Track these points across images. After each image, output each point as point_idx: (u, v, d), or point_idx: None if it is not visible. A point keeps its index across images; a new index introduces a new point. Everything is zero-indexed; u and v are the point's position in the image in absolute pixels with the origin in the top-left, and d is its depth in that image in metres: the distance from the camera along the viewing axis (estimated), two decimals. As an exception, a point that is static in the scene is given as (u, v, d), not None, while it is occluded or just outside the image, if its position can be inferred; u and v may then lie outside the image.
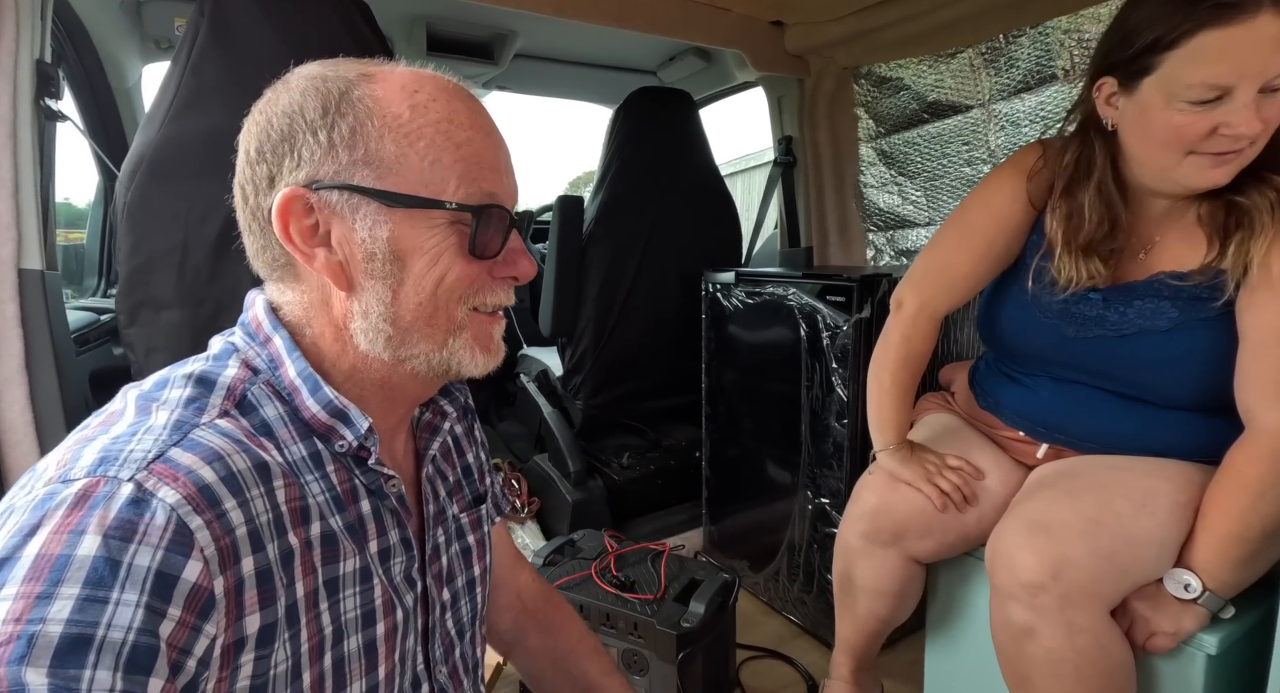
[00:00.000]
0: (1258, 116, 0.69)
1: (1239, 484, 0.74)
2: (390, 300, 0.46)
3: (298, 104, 0.44)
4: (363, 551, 0.48)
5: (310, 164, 0.44)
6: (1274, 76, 0.68)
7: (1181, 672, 0.79)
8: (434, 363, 0.48)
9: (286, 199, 0.44)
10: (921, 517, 0.92)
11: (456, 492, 0.63)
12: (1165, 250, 0.84)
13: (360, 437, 0.47)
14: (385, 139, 0.44)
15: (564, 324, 1.73)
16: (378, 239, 0.44)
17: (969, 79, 1.49)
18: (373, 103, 0.44)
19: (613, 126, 1.74)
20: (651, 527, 1.75)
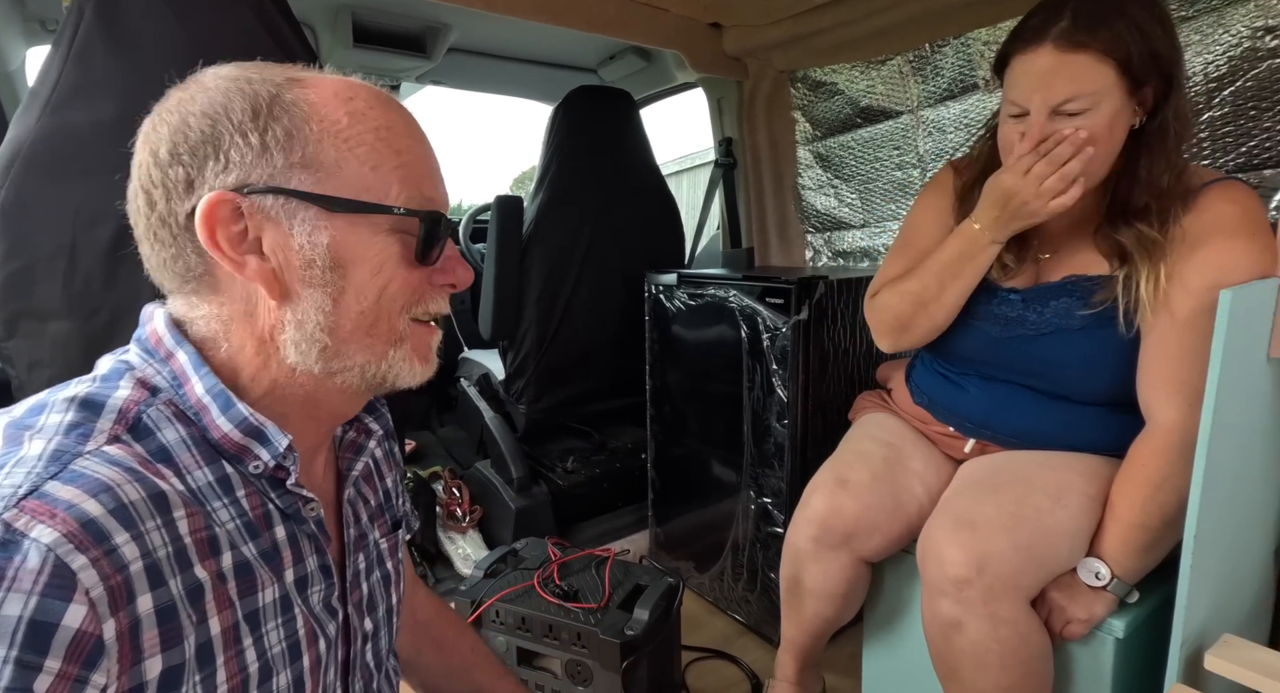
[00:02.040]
0: (1040, 134, 0.77)
1: (1141, 477, 0.79)
2: (330, 309, 0.44)
3: (220, 105, 0.41)
4: (280, 579, 0.45)
5: (240, 167, 0.41)
6: (1061, 101, 0.76)
7: (1092, 655, 0.84)
8: (369, 375, 0.46)
9: (212, 204, 0.41)
10: (870, 514, 0.94)
11: (378, 516, 0.60)
12: (1076, 255, 0.88)
13: (278, 456, 0.44)
14: (324, 143, 0.42)
15: (505, 327, 1.69)
16: (317, 245, 0.42)
17: (898, 85, 1.53)
18: (308, 107, 0.43)
19: (552, 125, 1.71)
20: (597, 531, 1.73)
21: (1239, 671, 0.68)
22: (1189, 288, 0.77)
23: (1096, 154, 0.77)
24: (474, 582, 1.18)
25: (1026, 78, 0.78)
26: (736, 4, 1.53)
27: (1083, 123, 0.76)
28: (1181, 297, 0.77)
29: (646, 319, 1.60)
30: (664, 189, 1.88)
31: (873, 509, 0.94)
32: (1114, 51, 0.73)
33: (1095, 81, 0.75)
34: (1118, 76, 0.75)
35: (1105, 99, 0.75)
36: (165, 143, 0.42)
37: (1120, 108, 0.77)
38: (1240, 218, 0.76)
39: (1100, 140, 0.77)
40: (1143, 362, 0.81)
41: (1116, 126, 0.77)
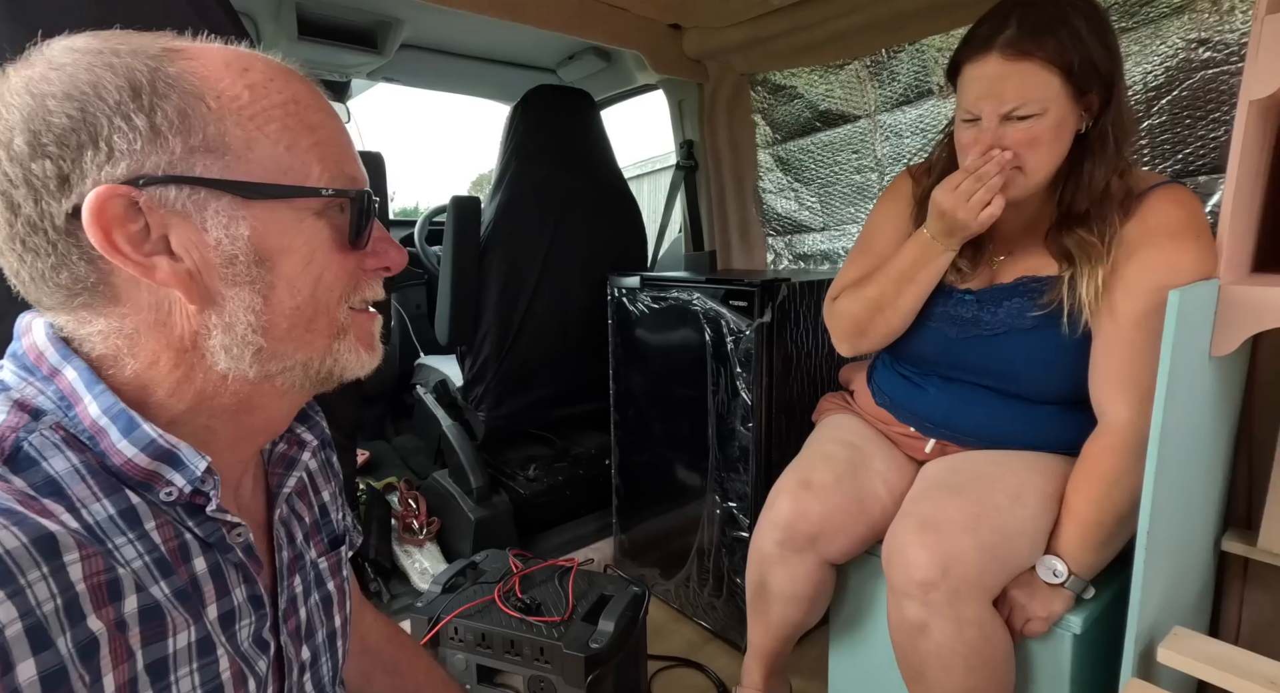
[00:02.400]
0: (993, 138, 0.80)
1: (1095, 474, 0.80)
2: (261, 308, 0.39)
3: (87, 82, 0.35)
4: (199, 619, 0.40)
5: (129, 156, 0.35)
6: (1010, 108, 0.78)
7: (1051, 652, 0.85)
8: (313, 372, 0.43)
9: (101, 199, 0.35)
10: (835, 517, 0.94)
11: (314, 534, 0.55)
12: (1028, 256, 0.90)
13: (195, 480, 0.39)
14: (227, 122, 0.37)
15: (463, 331, 1.63)
16: (237, 239, 0.38)
17: (856, 90, 1.55)
18: (198, 81, 0.37)
19: (510, 125, 1.67)
20: (561, 540, 1.70)
21: (1190, 662, 0.70)
22: (1137, 289, 0.79)
23: (1043, 158, 0.80)
24: (431, 597, 1.13)
25: (976, 85, 0.80)
26: (696, 5, 1.52)
27: (1031, 127, 0.78)
28: (1128, 298, 0.79)
29: (609, 323, 1.58)
30: (626, 191, 1.86)
31: (837, 511, 0.93)
32: (1057, 60, 0.76)
33: (1041, 88, 0.77)
34: (1062, 83, 0.77)
35: (1052, 105, 0.78)
36: (19, 132, 0.34)
37: (1067, 113, 0.79)
38: (1184, 221, 0.79)
39: (1047, 144, 0.79)
40: (1094, 361, 0.83)
41: (1063, 131, 0.80)
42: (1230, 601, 1.00)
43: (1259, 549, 0.90)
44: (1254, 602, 0.98)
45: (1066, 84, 0.77)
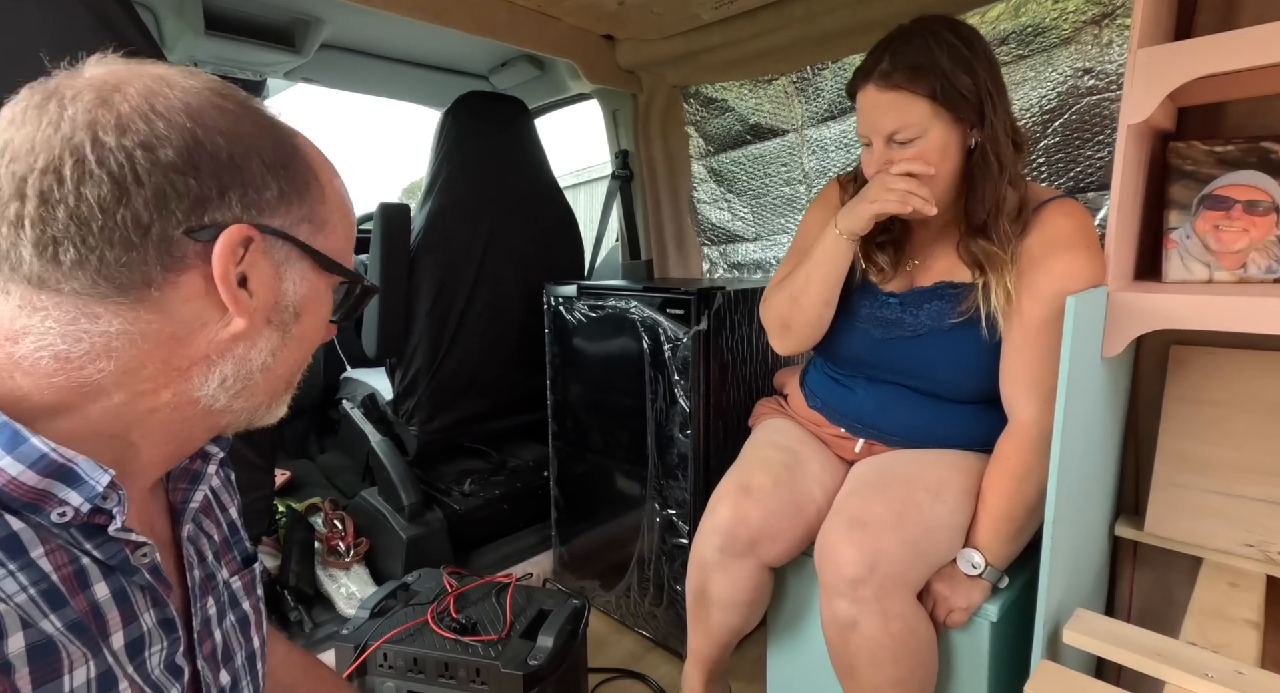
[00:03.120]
0: (884, 159, 0.87)
1: (1006, 470, 0.86)
2: (276, 349, 0.44)
3: (248, 134, 0.41)
4: (99, 651, 0.37)
5: (260, 206, 0.41)
6: (890, 132, 0.85)
7: (971, 640, 0.90)
8: (255, 417, 0.47)
9: (235, 234, 0.40)
10: (774, 521, 0.95)
11: (225, 552, 0.52)
12: (944, 261, 0.96)
13: (94, 497, 0.36)
14: (327, 203, 0.46)
15: (392, 343, 1.57)
16: (299, 294, 0.45)
17: (784, 105, 1.61)
18: (315, 165, 0.45)
19: (441, 131, 1.63)
20: (498, 556, 1.65)
21: (1091, 641, 0.75)
22: (1039, 296, 0.85)
23: (935, 176, 0.86)
24: (358, 623, 1.07)
25: (862, 113, 0.88)
26: (628, 17, 1.54)
27: (915, 150, 0.85)
28: (1033, 304, 0.85)
29: (546, 332, 1.56)
30: (561, 200, 1.85)
31: (776, 515, 0.95)
32: (921, 89, 0.82)
33: (913, 115, 0.83)
34: (933, 109, 0.83)
35: (930, 128, 0.84)
36: (172, 146, 0.38)
37: (949, 135, 0.85)
38: (1077, 232, 0.86)
39: (935, 164, 0.85)
40: (1003, 363, 0.88)
41: (949, 151, 0.86)
42: (1123, 582, 1.09)
43: (1146, 533, 0.98)
44: (1143, 582, 1.08)
45: (939, 109, 0.83)
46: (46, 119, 0.36)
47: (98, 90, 0.37)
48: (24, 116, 0.37)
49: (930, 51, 0.82)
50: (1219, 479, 0.93)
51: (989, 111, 0.84)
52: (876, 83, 0.85)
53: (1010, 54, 1.22)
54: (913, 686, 0.83)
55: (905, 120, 0.84)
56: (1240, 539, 0.92)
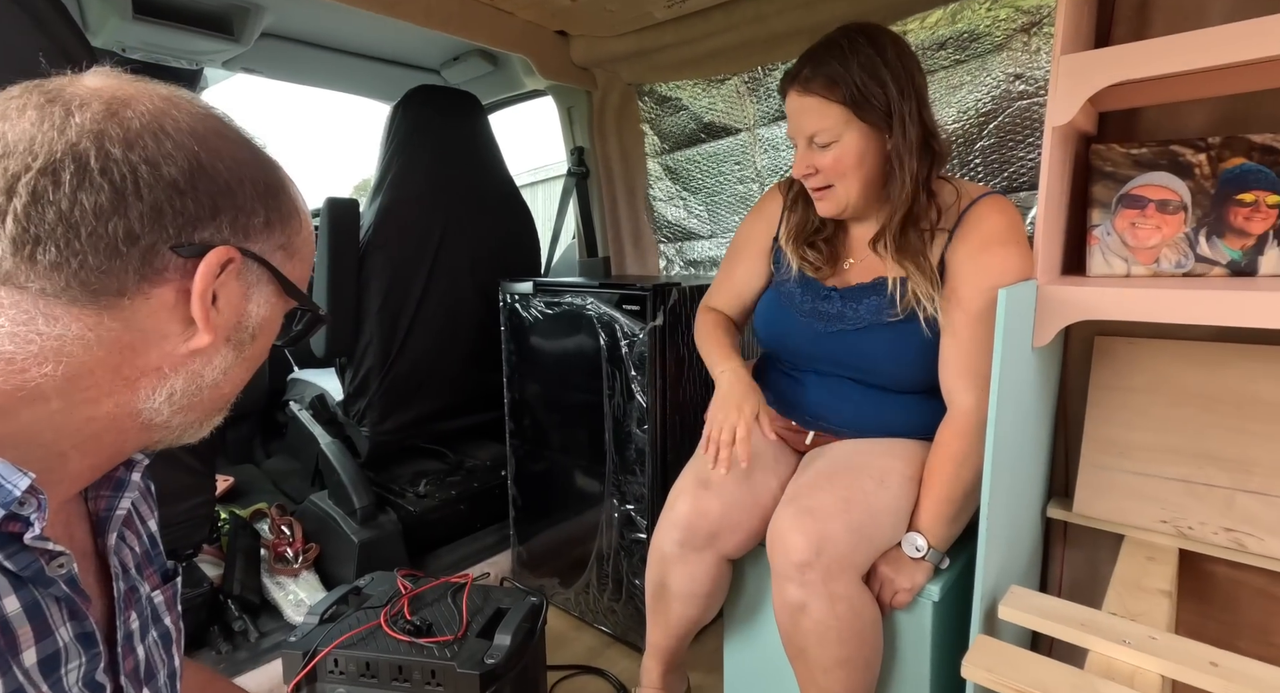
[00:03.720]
0: (806, 162, 0.92)
1: (946, 456, 0.90)
2: (228, 367, 0.45)
3: (244, 164, 0.43)
4: (8, 669, 0.35)
5: (246, 230, 0.43)
6: (810, 135, 0.90)
7: (914, 620, 0.93)
8: (183, 434, 0.47)
9: (218, 254, 0.41)
10: (733, 513, 0.97)
11: (146, 565, 0.51)
12: (875, 260, 0.99)
13: (9, 503, 0.34)
14: (302, 235, 0.48)
15: (341, 343, 1.53)
16: (260, 316, 0.46)
17: (736, 104, 1.64)
18: (298, 203, 0.48)
19: (391, 125, 1.59)
20: (455, 557, 1.63)
21: (1025, 616, 0.80)
22: (974, 289, 0.89)
23: (850, 179, 0.91)
24: (307, 630, 1.03)
25: (788, 116, 0.94)
26: (581, 14, 1.54)
27: (835, 153, 0.90)
28: (969, 297, 0.89)
29: (502, 330, 1.55)
30: (517, 196, 1.83)
31: (734, 507, 0.97)
32: (835, 95, 0.87)
33: (829, 119, 0.88)
34: (848, 114, 0.88)
35: (846, 132, 0.88)
36: (177, 166, 0.40)
37: (866, 140, 0.89)
38: (1008, 228, 0.90)
39: (851, 167, 0.90)
40: (942, 355, 0.92)
41: (868, 155, 0.90)
42: (1055, 560, 1.16)
43: (1075, 514, 1.04)
44: (1072, 559, 1.14)
45: (853, 114, 0.87)
46: (49, 122, 0.37)
47: (107, 102, 0.39)
48: (20, 115, 0.37)
49: (845, 61, 0.87)
50: (1138, 461, 1.00)
51: (896, 121, 0.88)
52: (797, 88, 0.90)
53: (949, 58, 1.27)
54: (859, 664, 0.86)
55: (822, 124, 0.89)
56: (1157, 516, 0.98)
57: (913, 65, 0.89)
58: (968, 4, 1.22)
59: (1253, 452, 0.91)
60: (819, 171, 0.92)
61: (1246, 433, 0.92)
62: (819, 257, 1.00)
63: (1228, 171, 0.91)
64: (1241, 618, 1.00)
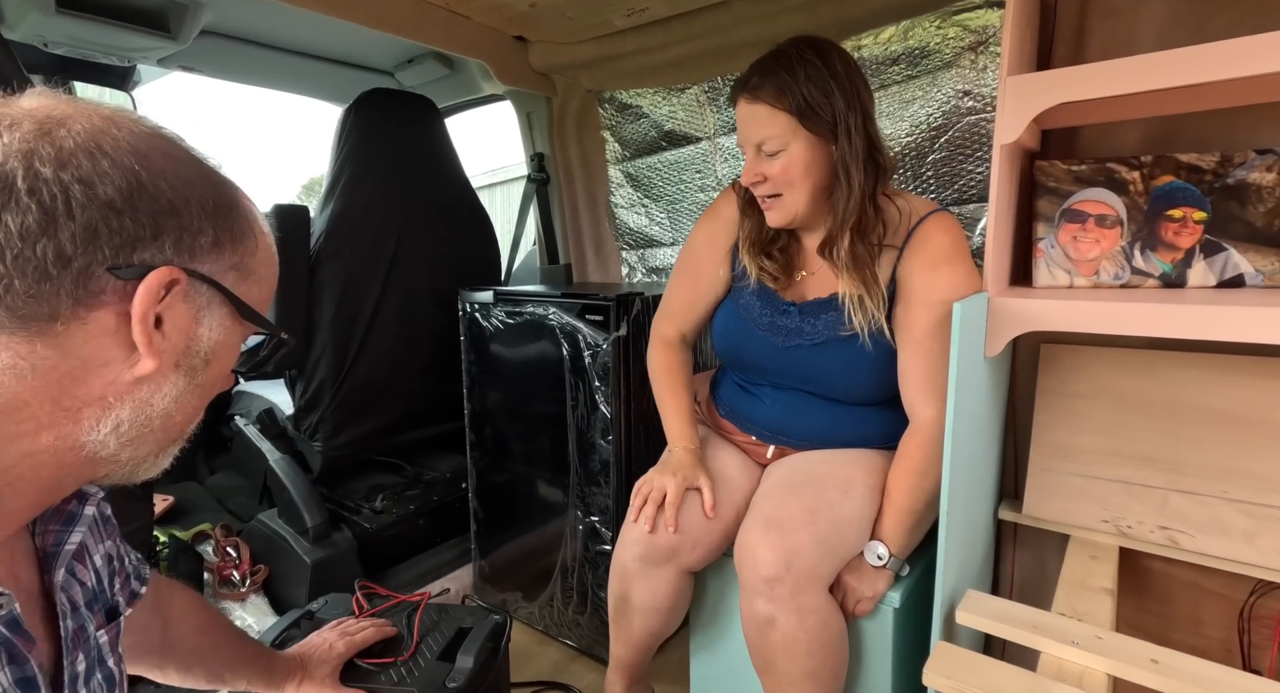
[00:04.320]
0: (754, 170, 0.93)
1: (909, 467, 0.92)
2: (180, 395, 0.43)
3: (189, 181, 0.41)
4: None
5: (192, 251, 0.41)
6: (758, 142, 0.91)
7: (876, 626, 0.95)
8: (136, 470, 0.45)
9: (160, 275, 0.39)
10: (693, 529, 0.97)
11: (94, 602, 0.48)
12: (832, 273, 1.00)
13: None
14: (258, 255, 0.46)
15: (291, 354, 1.47)
16: (212, 340, 0.44)
17: (697, 113, 1.64)
18: (253, 220, 0.46)
19: (343, 129, 1.54)
20: (415, 573, 1.58)
21: (981, 620, 0.82)
22: (928, 305, 0.91)
23: (797, 188, 0.92)
24: (256, 660, 0.99)
25: (738, 124, 0.95)
26: (540, 19, 1.52)
27: (782, 161, 0.91)
28: (925, 313, 0.91)
29: (462, 339, 1.51)
30: (475, 202, 1.80)
31: (695, 524, 0.97)
32: (780, 103, 0.88)
33: (775, 127, 0.89)
34: (794, 123, 0.89)
35: (792, 141, 0.89)
36: (114, 185, 0.38)
37: (813, 151, 0.90)
38: (954, 245, 0.93)
39: (799, 177, 0.91)
40: (901, 369, 0.94)
41: (814, 166, 0.91)
42: (1005, 561, 1.20)
43: (1024, 516, 1.08)
44: (1022, 560, 1.19)
45: (800, 124, 0.89)
46: None
47: (40, 122, 0.37)
48: None
49: (793, 71, 0.88)
50: (1082, 463, 1.04)
51: (842, 132, 0.89)
52: (746, 96, 0.91)
53: (901, 74, 1.30)
54: (825, 675, 0.87)
55: (769, 132, 0.90)
56: (1099, 516, 1.03)
57: (859, 80, 0.91)
58: (919, 22, 1.26)
59: (1184, 454, 0.97)
60: (767, 180, 0.92)
61: (1178, 436, 0.97)
62: (775, 266, 1.01)
63: (1158, 189, 0.96)
64: (1175, 610, 1.05)
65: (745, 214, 1.05)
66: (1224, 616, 1.01)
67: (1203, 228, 0.93)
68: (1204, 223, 0.93)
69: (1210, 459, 0.95)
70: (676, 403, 1.08)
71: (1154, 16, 0.97)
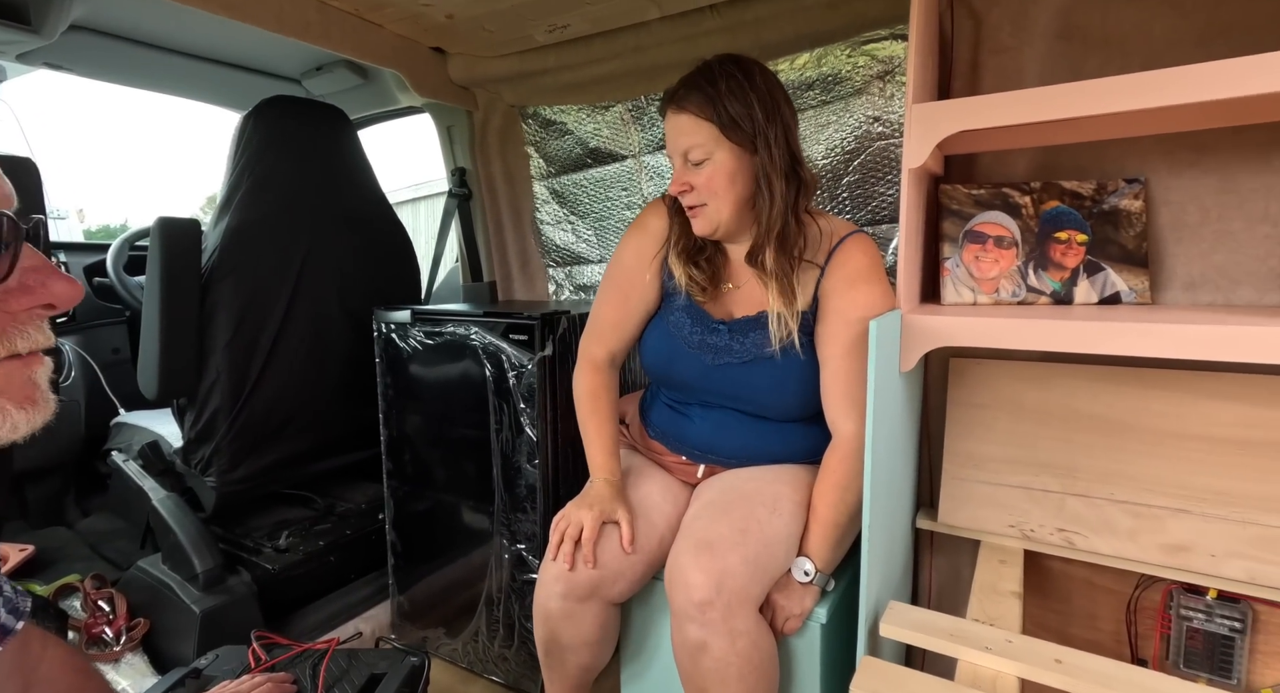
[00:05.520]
0: (682, 179, 0.95)
1: (832, 482, 0.93)
2: None
3: None
4: None
5: None
6: (684, 150, 0.94)
7: (804, 643, 0.95)
8: None
9: None
10: (613, 563, 0.94)
11: None
12: (759, 291, 1.02)
13: None
14: None
15: (179, 382, 1.33)
16: None
17: (621, 131, 1.64)
18: None
19: (241, 138, 1.43)
20: (324, 615, 1.46)
21: (903, 632, 0.84)
22: (846, 323, 0.94)
23: (721, 198, 0.94)
24: (128, 733, 0.87)
25: (666, 134, 0.97)
26: (458, 32, 1.48)
27: (708, 171, 0.93)
28: (844, 330, 0.94)
29: (377, 362, 1.42)
30: (392, 217, 1.71)
31: (616, 557, 0.94)
32: (703, 113, 0.91)
33: (700, 136, 0.92)
34: (717, 133, 0.91)
35: (716, 151, 0.92)
36: None
37: (737, 162, 0.92)
38: (871, 266, 0.96)
39: (723, 187, 0.93)
40: (824, 385, 0.96)
41: (738, 178, 0.93)
42: (924, 569, 1.24)
43: (939, 524, 1.13)
44: (939, 568, 1.23)
45: (723, 135, 0.91)
46: None
47: None
48: None
49: (715, 83, 0.91)
50: (989, 471, 1.10)
51: (762, 143, 0.92)
52: (673, 107, 0.94)
53: (816, 99, 1.35)
54: (756, 697, 0.86)
55: (694, 141, 0.92)
56: (1005, 521, 1.08)
57: (779, 95, 0.94)
58: (830, 50, 1.31)
59: (1077, 460, 1.03)
60: (693, 189, 0.94)
61: (1072, 443, 1.04)
62: (703, 276, 1.01)
63: (1046, 212, 1.03)
64: (1074, 607, 1.12)
65: (674, 222, 1.05)
66: (1114, 609, 1.08)
67: (1085, 249, 1.01)
68: (1086, 245, 1.01)
69: (1099, 464, 1.02)
70: (599, 432, 1.05)
71: (1037, 56, 1.05)
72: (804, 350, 0.96)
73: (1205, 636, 0.98)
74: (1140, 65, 0.77)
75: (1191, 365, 0.95)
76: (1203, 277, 0.98)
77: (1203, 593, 0.98)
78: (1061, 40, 1.02)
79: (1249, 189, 0.94)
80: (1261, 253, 0.94)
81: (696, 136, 0.92)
